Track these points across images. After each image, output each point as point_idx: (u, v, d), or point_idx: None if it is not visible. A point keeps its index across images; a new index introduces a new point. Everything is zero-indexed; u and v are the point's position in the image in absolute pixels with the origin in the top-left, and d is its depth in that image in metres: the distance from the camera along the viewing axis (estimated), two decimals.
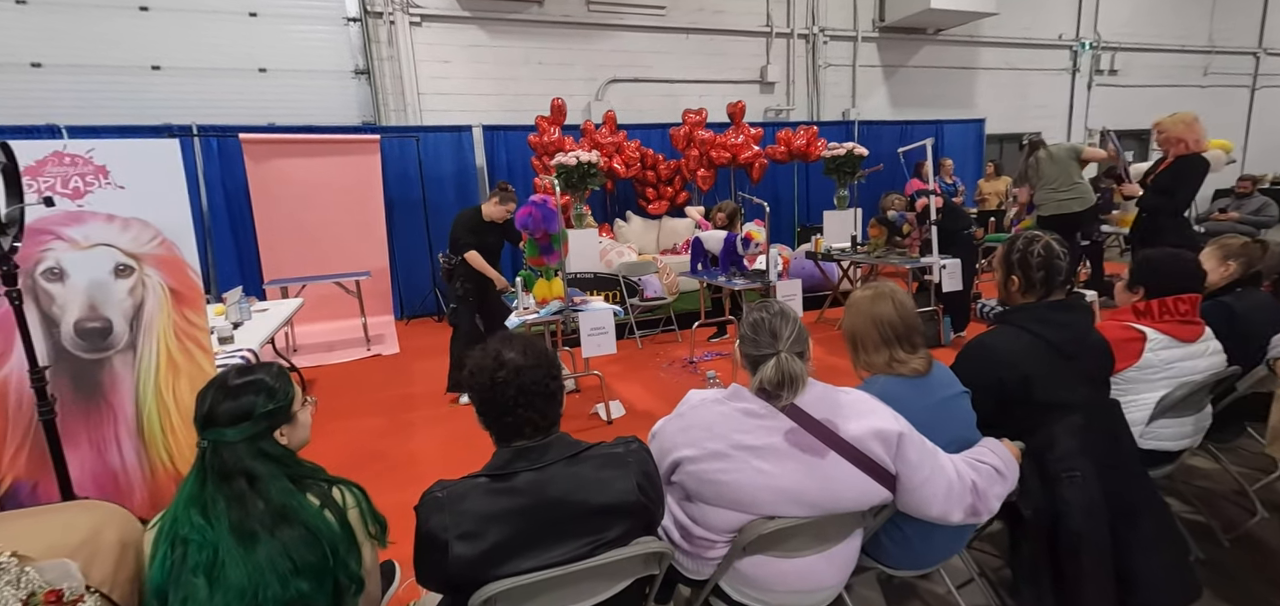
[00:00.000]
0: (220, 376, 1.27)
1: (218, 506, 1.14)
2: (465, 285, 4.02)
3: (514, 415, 1.21)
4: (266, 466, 1.20)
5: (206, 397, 1.22)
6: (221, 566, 1.09)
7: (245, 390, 1.23)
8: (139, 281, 2.40)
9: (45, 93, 6.12)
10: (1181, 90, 12.82)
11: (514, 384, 1.20)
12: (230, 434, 1.19)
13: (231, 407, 1.20)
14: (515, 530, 1.13)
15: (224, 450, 1.18)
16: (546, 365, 1.25)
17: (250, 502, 1.16)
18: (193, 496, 1.16)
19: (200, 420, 1.21)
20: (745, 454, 1.28)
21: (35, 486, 2.27)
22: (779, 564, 1.34)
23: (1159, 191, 3.99)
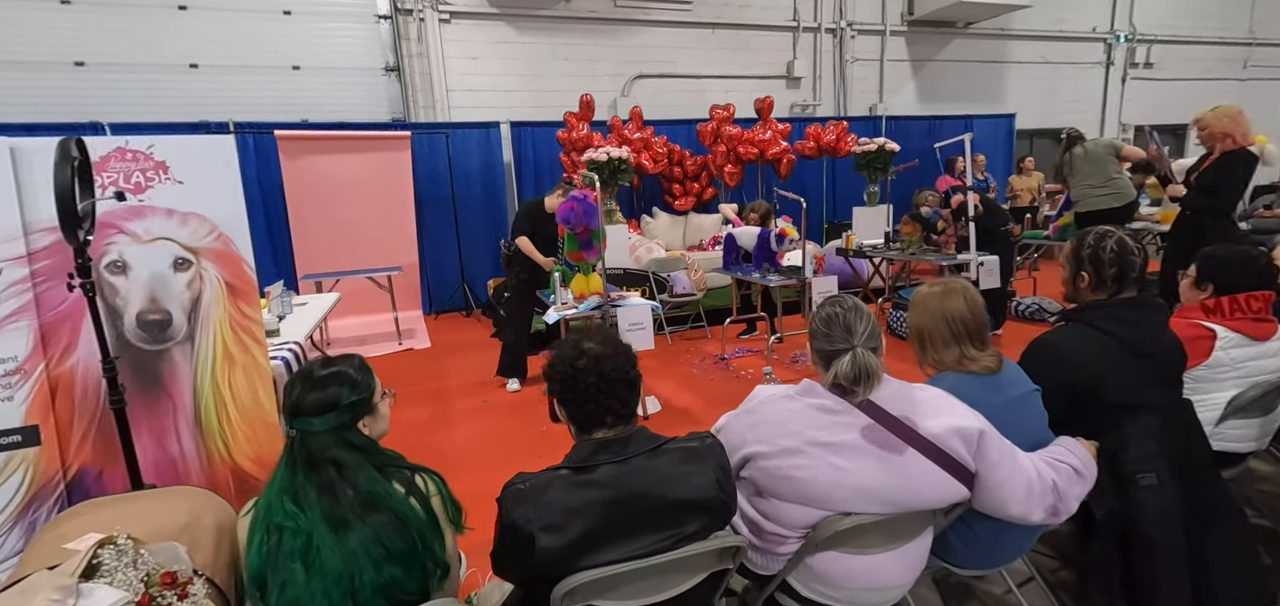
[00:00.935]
0: (305, 368, 1.29)
1: (309, 494, 1.17)
2: (521, 273, 4.08)
3: (596, 403, 1.21)
4: (352, 455, 1.22)
5: (294, 388, 1.25)
6: (317, 552, 1.11)
7: (330, 381, 1.25)
8: (197, 275, 2.45)
9: (88, 91, 6.27)
10: (1219, 83, 12.49)
11: (594, 372, 1.21)
12: (316, 423, 1.21)
13: (318, 398, 1.23)
14: (599, 522, 1.14)
15: (311, 439, 1.21)
16: (625, 354, 1.26)
17: (340, 490, 1.18)
18: (284, 485, 1.19)
19: (288, 410, 1.24)
20: (821, 450, 1.27)
21: (100, 474, 2.33)
22: (851, 560, 1.33)
23: (1204, 190, 3.81)
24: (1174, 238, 4.01)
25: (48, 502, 2.25)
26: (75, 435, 2.29)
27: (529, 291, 4.20)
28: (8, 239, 2.17)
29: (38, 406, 2.21)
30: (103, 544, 0.87)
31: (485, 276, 7.45)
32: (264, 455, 2.57)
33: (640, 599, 1.21)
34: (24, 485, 2.21)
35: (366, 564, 1.13)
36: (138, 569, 0.87)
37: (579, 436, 1.27)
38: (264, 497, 1.20)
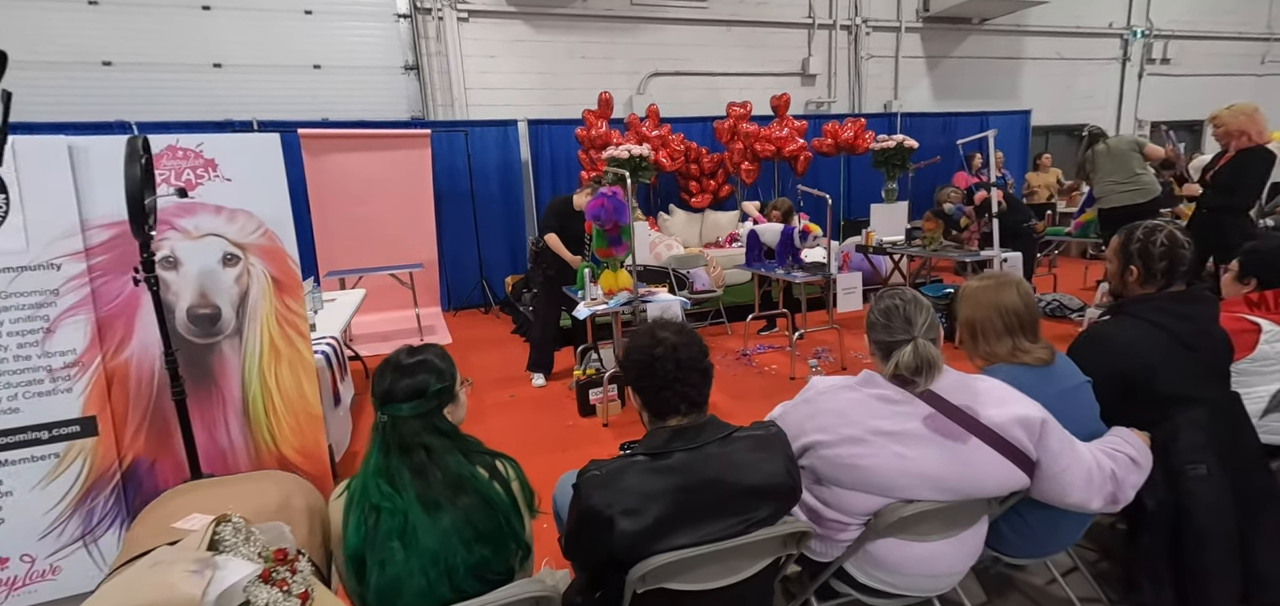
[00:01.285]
0: (393, 357, 1.33)
1: (403, 476, 1.21)
2: (549, 270, 4.12)
3: (671, 390, 1.25)
4: (439, 440, 1.27)
5: (385, 376, 1.29)
6: (413, 532, 1.16)
7: (418, 369, 1.30)
8: (244, 270, 2.50)
9: (116, 90, 6.36)
10: (1237, 79, 12.36)
11: (671, 359, 1.25)
12: (405, 409, 1.25)
13: (408, 385, 1.27)
14: (674, 507, 1.17)
15: (402, 424, 1.25)
16: (699, 343, 1.30)
17: (430, 473, 1.23)
18: (379, 467, 1.23)
19: (380, 396, 1.28)
20: (883, 438, 1.31)
21: (153, 464, 2.40)
22: (911, 547, 1.36)
23: (1221, 188, 3.79)
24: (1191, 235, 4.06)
25: (104, 492, 2.32)
26: (130, 426, 2.35)
27: (555, 288, 4.24)
28: (67, 235, 2.23)
29: (95, 398, 2.28)
30: (219, 522, 0.91)
31: (503, 273, 7.51)
32: (308, 446, 2.63)
33: (709, 582, 1.24)
34: (82, 474, 2.28)
35: (458, 544, 1.17)
36: (252, 545, 0.92)
37: (652, 423, 1.30)
38: (358, 479, 1.24)
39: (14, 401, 2.18)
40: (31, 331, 2.19)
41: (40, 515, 2.24)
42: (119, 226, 2.31)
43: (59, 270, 2.22)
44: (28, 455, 2.21)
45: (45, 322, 2.21)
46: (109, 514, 2.32)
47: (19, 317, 2.17)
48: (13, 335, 2.17)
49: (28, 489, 2.21)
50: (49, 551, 2.26)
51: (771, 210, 4.83)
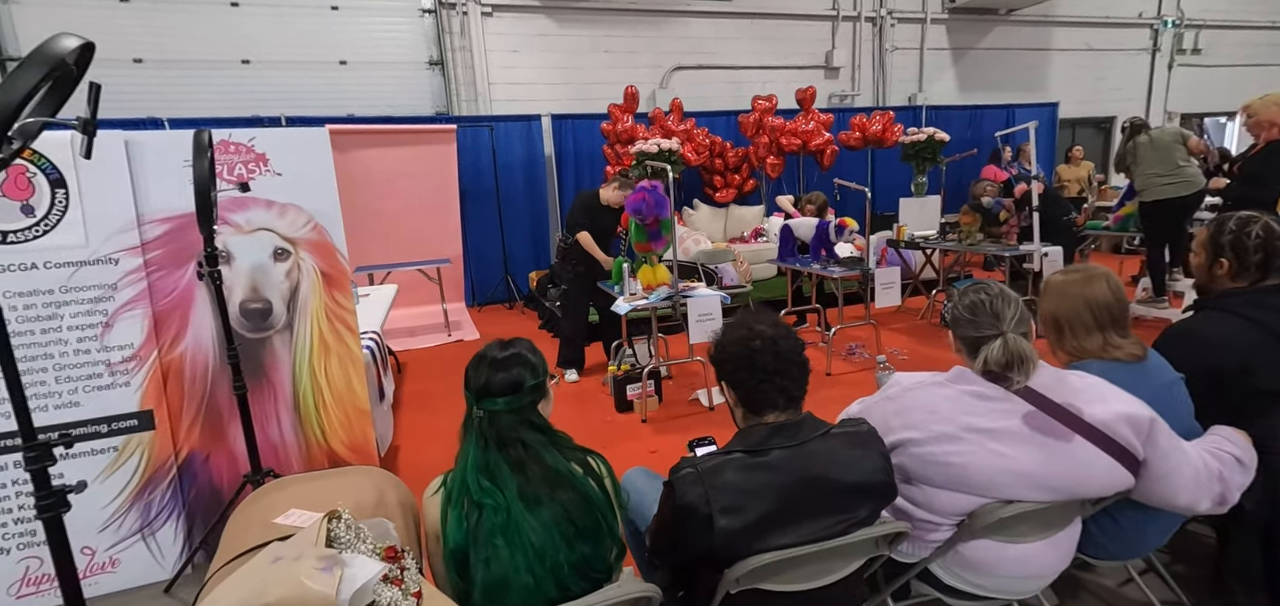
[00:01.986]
0: (486, 352, 1.31)
1: (502, 472, 1.19)
2: (579, 267, 4.10)
3: (770, 383, 1.22)
4: (535, 435, 1.25)
5: (482, 371, 1.27)
6: (516, 528, 1.14)
7: (512, 363, 1.28)
8: (295, 264, 2.51)
9: (147, 87, 6.43)
10: (1269, 70, 12.07)
11: (770, 351, 1.22)
12: (501, 404, 1.23)
13: (504, 379, 1.25)
14: (775, 505, 1.15)
15: (499, 419, 1.23)
16: (796, 338, 1.27)
17: (529, 468, 1.21)
18: (478, 462, 1.21)
19: (476, 391, 1.26)
20: (979, 437, 1.27)
21: (208, 458, 2.41)
22: (1005, 548, 1.32)
23: (1248, 180, 3.70)
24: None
25: (161, 485, 2.33)
26: (185, 420, 2.37)
27: (585, 284, 4.21)
28: (123, 229, 2.24)
29: (152, 392, 2.29)
30: (330, 518, 0.89)
31: (527, 269, 7.50)
32: (357, 441, 2.63)
33: (805, 582, 1.21)
34: (140, 468, 2.29)
35: (560, 541, 1.16)
36: (364, 542, 0.90)
37: (747, 419, 1.27)
38: (456, 474, 1.22)
39: (74, 395, 2.20)
40: (91, 326, 2.21)
41: (100, 508, 2.26)
42: (173, 221, 2.32)
43: (117, 265, 2.24)
44: (88, 448, 2.23)
45: (104, 317, 2.22)
46: (166, 507, 2.34)
47: (78, 312, 2.19)
48: (72, 329, 2.18)
49: (89, 481, 2.23)
50: (108, 543, 2.28)
51: (806, 204, 4.77)
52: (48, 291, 2.15)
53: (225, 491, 2.43)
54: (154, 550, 2.33)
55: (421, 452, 3.36)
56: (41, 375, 2.15)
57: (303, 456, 2.54)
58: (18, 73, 1.20)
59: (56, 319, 2.16)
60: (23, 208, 2.13)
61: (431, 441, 3.47)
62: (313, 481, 1.16)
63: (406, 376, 4.73)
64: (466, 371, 1.31)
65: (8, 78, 1.22)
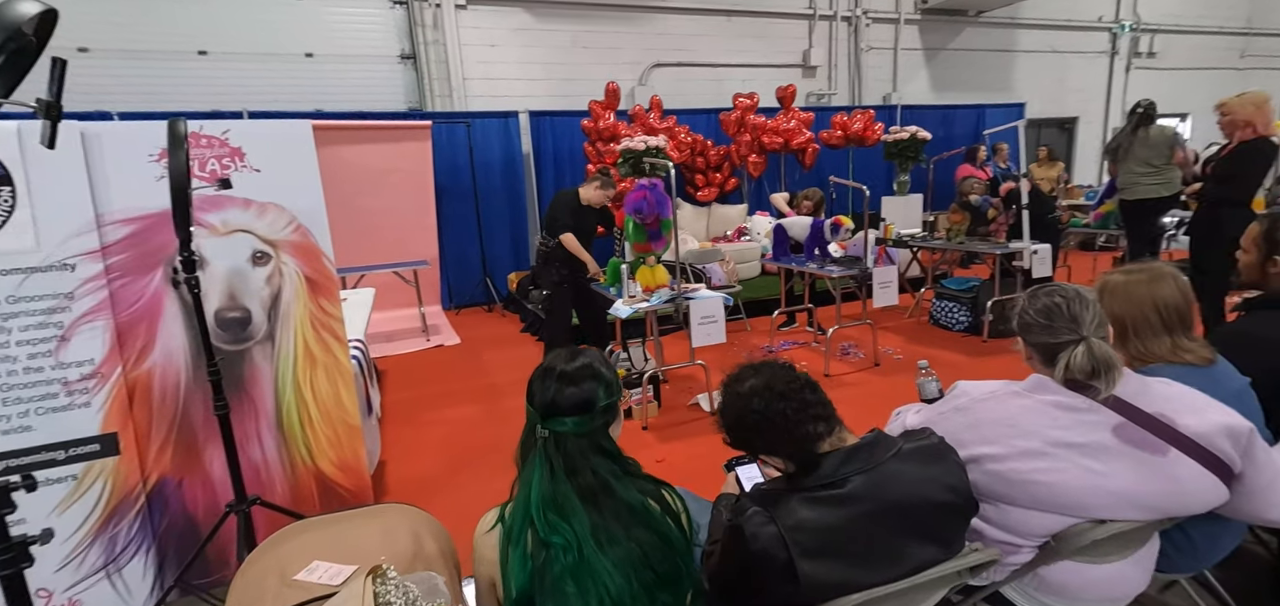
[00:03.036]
0: (552, 362, 1.14)
1: (572, 504, 1.03)
2: (562, 270, 3.93)
3: (799, 424, 1.12)
4: (605, 463, 1.09)
5: (548, 383, 1.11)
6: (589, 570, 0.99)
7: (584, 376, 1.11)
8: (276, 269, 2.29)
9: (93, 78, 5.99)
10: (1218, 73, 12.60)
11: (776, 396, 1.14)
12: (570, 424, 1.07)
13: (574, 396, 1.09)
14: (861, 540, 1.03)
15: (567, 442, 1.08)
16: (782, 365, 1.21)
17: (602, 502, 1.05)
18: (544, 494, 1.04)
19: (542, 408, 1.10)
20: (1069, 452, 1.17)
21: (181, 483, 2.18)
22: (1089, 571, 1.24)
23: (1220, 180, 3.71)
24: (1194, 230, 3.99)
25: (129, 516, 2.10)
26: (154, 443, 2.14)
27: (570, 288, 4.05)
28: (81, 232, 2.00)
29: (116, 412, 2.06)
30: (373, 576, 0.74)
31: (505, 270, 7.29)
32: (347, 460, 2.43)
33: None
34: (103, 497, 2.06)
35: (639, 588, 1.01)
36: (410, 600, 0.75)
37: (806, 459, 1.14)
38: (517, 507, 1.06)
39: (25, 418, 1.95)
40: (44, 340, 1.96)
41: (57, 544, 2.01)
42: (138, 221, 2.09)
43: (73, 271, 1.99)
44: (42, 478, 1.97)
45: (59, 330, 1.98)
46: (134, 540, 2.10)
47: (29, 325, 1.94)
48: (22, 344, 1.93)
49: (42, 516, 1.98)
50: (67, 584, 2.03)
51: (802, 201, 4.70)
52: None
53: (200, 520, 2.21)
54: (120, 589, 2.09)
55: (409, 467, 3.16)
56: None
57: (287, 479, 2.33)
58: None
59: (2, 332, 1.91)
60: None
61: (418, 455, 3.27)
62: (332, 525, 0.99)
63: (385, 385, 4.49)
64: (531, 383, 1.15)
65: None
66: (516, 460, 1.17)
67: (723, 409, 1.23)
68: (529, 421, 1.15)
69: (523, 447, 1.15)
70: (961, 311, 4.89)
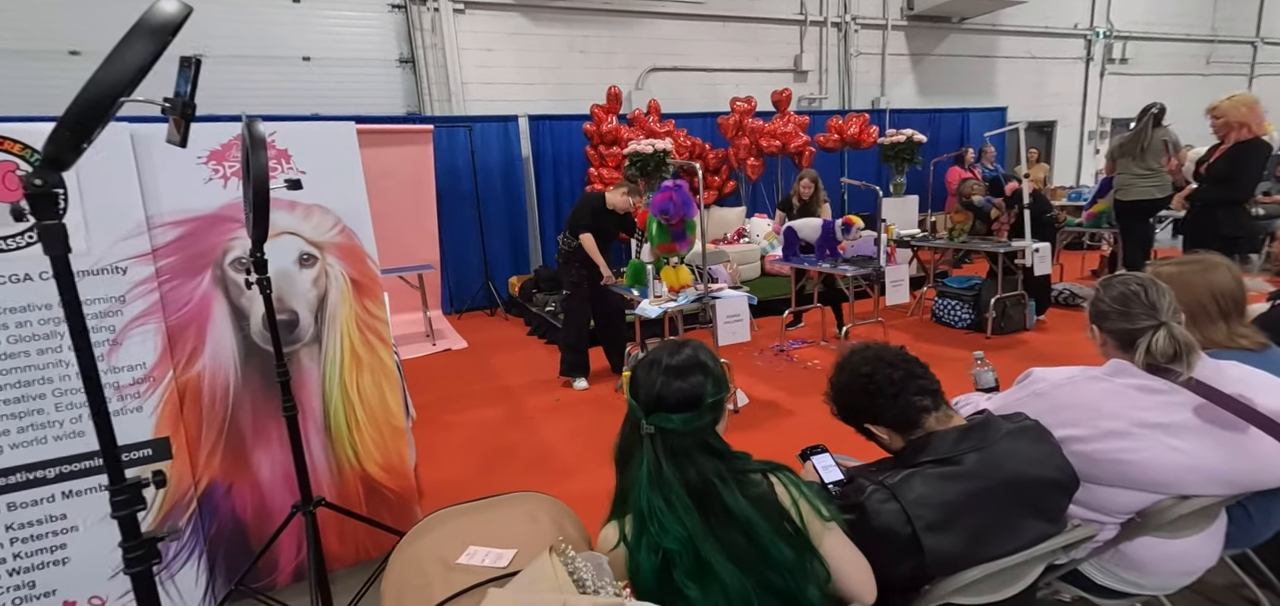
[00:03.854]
0: (656, 355, 1.12)
1: (682, 503, 1.00)
2: (581, 271, 3.95)
3: (905, 394, 1.19)
4: (713, 463, 1.05)
5: (652, 376, 1.07)
6: (708, 572, 0.97)
7: (691, 369, 1.07)
8: (322, 271, 2.29)
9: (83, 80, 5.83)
10: (1186, 78, 13.09)
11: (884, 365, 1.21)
12: (676, 421, 1.04)
13: (681, 390, 1.05)
14: (980, 514, 1.08)
15: (674, 440, 1.04)
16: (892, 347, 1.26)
17: (713, 504, 1.02)
18: (652, 498, 1.01)
19: (648, 402, 1.07)
20: (1153, 432, 1.24)
21: (230, 488, 2.16)
22: (1166, 545, 1.30)
23: (1216, 180, 3.77)
24: (1188, 228, 4.06)
25: (180, 521, 2.07)
26: (204, 446, 2.12)
27: (586, 288, 4.07)
28: (132, 234, 1.98)
29: (168, 416, 2.04)
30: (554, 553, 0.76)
31: (506, 274, 7.28)
32: (392, 462, 2.43)
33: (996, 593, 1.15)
34: (156, 502, 2.03)
35: (759, 590, 0.99)
36: (605, 581, 0.77)
37: (907, 438, 1.19)
38: (635, 507, 1.03)
39: (77, 423, 1.92)
40: (96, 344, 1.92)
41: (110, 551, 1.98)
42: (188, 223, 2.08)
43: (124, 274, 1.97)
44: (94, 483, 1.95)
45: (111, 334, 1.96)
46: (186, 545, 2.08)
47: None
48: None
49: (96, 521, 1.95)
50: (120, 592, 2.00)
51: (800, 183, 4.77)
52: (45, 306, 1.87)
53: (249, 524, 2.19)
54: (174, 594, 2.06)
55: (439, 470, 3.15)
56: (39, 402, 1.87)
57: (334, 481, 2.32)
58: (127, 45, 1.03)
59: (55, 337, 1.88)
60: (12, 210, 1.82)
61: (446, 458, 3.27)
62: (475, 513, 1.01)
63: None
64: (634, 376, 1.12)
65: (115, 51, 1.04)
66: (616, 458, 1.15)
67: (833, 377, 1.29)
68: (630, 416, 1.11)
69: (623, 446, 1.12)
70: (964, 309, 5.02)
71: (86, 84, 1.05)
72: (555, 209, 7.56)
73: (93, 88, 1.03)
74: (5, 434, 1.84)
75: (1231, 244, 3.74)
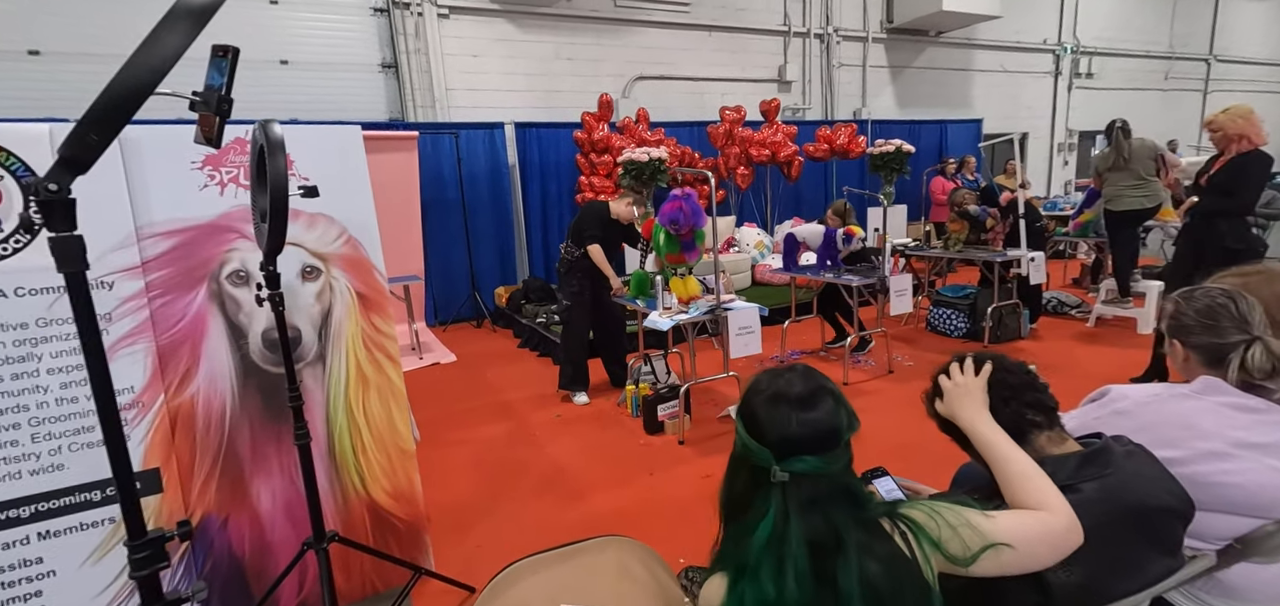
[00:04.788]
0: (774, 385, 0.96)
1: (797, 572, 0.86)
2: (583, 281, 3.84)
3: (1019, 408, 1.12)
4: (846, 512, 0.90)
5: (783, 413, 0.91)
6: None
7: (821, 398, 0.92)
8: (326, 285, 2.13)
9: (44, 83, 5.52)
10: (1146, 93, 13.59)
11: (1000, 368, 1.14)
12: (814, 463, 0.88)
13: (815, 425, 0.90)
14: (1108, 547, 1.00)
15: (809, 487, 0.89)
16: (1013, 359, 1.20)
17: (858, 566, 0.86)
18: (793, 561, 0.86)
19: (777, 443, 0.91)
20: (1252, 453, 1.18)
21: (226, 522, 1.98)
22: (1262, 570, 1.24)
23: (1219, 191, 3.78)
24: (1186, 238, 4.02)
25: (172, 562, 1.88)
26: (197, 477, 1.94)
27: (588, 299, 3.96)
28: (120, 246, 1.81)
29: (158, 445, 1.86)
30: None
31: (492, 284, 7.10)
32: (401, 488, 2.27)
33: None
34: None
35: None
36: None
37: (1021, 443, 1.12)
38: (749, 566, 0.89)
39: (56, 455, 1.73)
40: (78, 366, 1.75)
41: (91, 598, 1.78)
42: (181, 234, 1.91)
43: (111, 290, 1.79)
44: (75, 522, 1.76)
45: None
46: (178, 587, 1.89)
47: (61, 349, 1.73)
48: (54, 372, 1.72)
49: (76, 566, 1.76)
50: None
51: (830, 216, 4.72)
52: (19, 325, 1.68)
53: (247, 561, 2.01)
54: None
55: (443, 492, 2.98)
56: (13, 433, 1.67)
57: (339, 511, 2.15)
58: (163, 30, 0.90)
59: (31, 360, 1.69)
60: None
61: (450, 479, 3.10)
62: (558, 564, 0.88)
63: None
64: (752, 412, 0.95)
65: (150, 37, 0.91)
66: (724, 509, 0.99)
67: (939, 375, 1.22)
68: (749, 458, 0.94)
69: (736, 497, 0.96)
70: (959, 318, 5.03)
71: (115, 78, 0.93)
72: (541, 218, 7.42)
73: (123, 80, 0.91)
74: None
75: (1234, 256, 3.78)
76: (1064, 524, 0.93)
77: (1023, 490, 0.95)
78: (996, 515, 0.93)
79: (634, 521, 2.63)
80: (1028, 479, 0.96)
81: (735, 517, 0.96)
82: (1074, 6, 12.20)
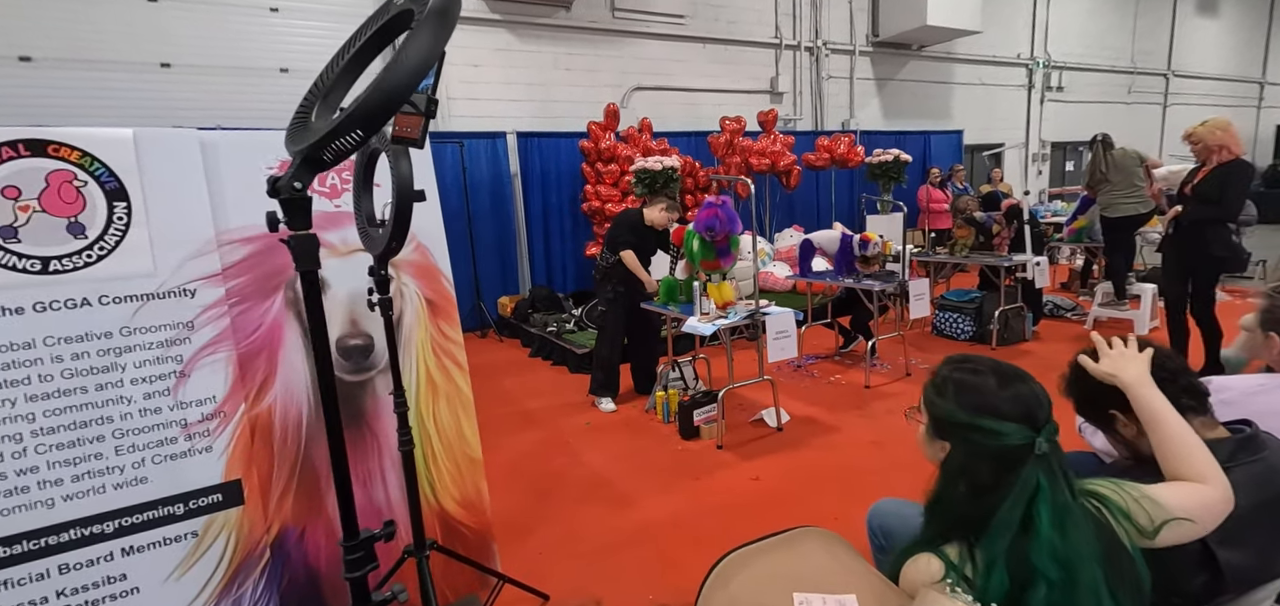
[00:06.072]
0: (983, 369, 0.99)
1: (1083, 534, 0.89)
2: (619, 288, 3.87)
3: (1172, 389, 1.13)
4: (1069, 482, 0.94)
5: (1022, 385, 0.96)
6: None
7: (1023, 376, 0.98)
8: (397, 292, 2.11)
9: (37, 90, 5.34)
10: (1112, 105, 14.16)
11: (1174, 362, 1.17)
12: (1055, 427, 0.93)
13: (1042, 392, 0.97)
14: (1267, 529, 1.05)
15: (1058, 451, 0.93)
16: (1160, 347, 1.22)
17: (1103, 535, 0.92)
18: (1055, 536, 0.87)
19: (1032, 418, 0.94)
20: None
21: (303, 534, 1.95)
22: None
23: (1205, 199, 3.90)
24: (1171, 246, 4.11)
25: (253, 575, 1.85)
26: (275, 488, 1.90)
27: (623, 306, 3.99)
28: (201, 253, 1.78)
29: (239, 456, 1.82)
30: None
31: (495, 294, 7.05)
32: (469, 496, 2.25)
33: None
34: (227, 554, 1.80)
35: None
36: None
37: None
38: (998, 554, 0.89)
39: (139, 468, 1.68)
40: (162, 377, 1.70)
41: None
42: (257, 241, 1.87)
43: (193, 297, 1.75)
44: (158, 537, 1.71)
45: (178, 364, 1.73)
46: (259, 602, 1.85)
47: (145, 359, 1.68)
48: (138, 382, 1.67)
49: (159, 582, 1.71)
50: None
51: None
52: (104, 334, 1.63)
53: (323, 573, 1.97)
54: None
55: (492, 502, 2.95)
56: (97, 446, 1.62)
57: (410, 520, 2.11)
58: (418, 37, 0.91)
59: (116, 370, 1.65)
60: (69, 226, 1.61)
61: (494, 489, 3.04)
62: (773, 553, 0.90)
63: None
64: (981, 401, 0.96)
65: (404, 45, 0.92)
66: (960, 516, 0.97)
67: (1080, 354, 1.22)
68: (999, 443, 0.93)
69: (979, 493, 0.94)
70: (965, 321, 5.17)
71: (379, 77, 0.95)
72: (543, 228, 7.41)
73: (387, 80, 0.92)
74: (57, 484, 1.59)
75: (1221, 263, 3.95)
76: (1222, 494, 0.98)
77: (1188, 459, 1.01)
78: (1161, 488, 0.98)
79: (690, 525, 2.64)
80: (1192, 449, 1.01)
81: (981, 516, 0.93)
82: (1046, 23, 12.70)
